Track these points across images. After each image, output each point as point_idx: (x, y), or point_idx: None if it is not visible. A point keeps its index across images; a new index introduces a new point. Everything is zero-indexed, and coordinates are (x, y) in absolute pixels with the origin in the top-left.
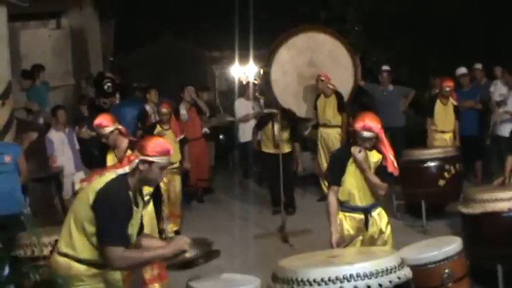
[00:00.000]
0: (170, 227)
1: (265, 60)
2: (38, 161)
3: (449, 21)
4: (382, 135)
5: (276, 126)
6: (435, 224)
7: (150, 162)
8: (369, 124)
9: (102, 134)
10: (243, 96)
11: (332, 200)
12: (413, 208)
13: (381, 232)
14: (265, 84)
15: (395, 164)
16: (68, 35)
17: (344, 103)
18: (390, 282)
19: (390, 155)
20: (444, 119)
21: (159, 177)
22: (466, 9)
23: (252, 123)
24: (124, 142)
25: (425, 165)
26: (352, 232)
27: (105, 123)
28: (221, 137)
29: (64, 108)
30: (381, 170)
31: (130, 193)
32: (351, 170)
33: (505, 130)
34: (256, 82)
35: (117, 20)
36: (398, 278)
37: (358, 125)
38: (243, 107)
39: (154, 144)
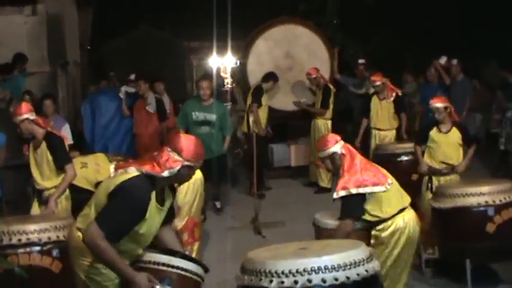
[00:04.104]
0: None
1: (243, 51)
2: (10, 148)
3: (427, 17)
4: None
5: (251, 119)
6: None
7: (191, 167)
8: None
9: (16, 122)
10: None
11: None
12: None
13: None
14: (241, 76)
15: None
16: (44, 21)
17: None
18: (358, 275)
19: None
20: (381, 116)
21: (191, 177)
22: (444, 5)
23: None
24: (39, 132)
25: (398, 159)
26: None
27: (19, 111)
28: None
29: (53, 98)
30: None
31: (153, 194)
32: None
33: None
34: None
35: (95, 7)
36: (366, 271)
37: None
38: None
39: (190, 146)
